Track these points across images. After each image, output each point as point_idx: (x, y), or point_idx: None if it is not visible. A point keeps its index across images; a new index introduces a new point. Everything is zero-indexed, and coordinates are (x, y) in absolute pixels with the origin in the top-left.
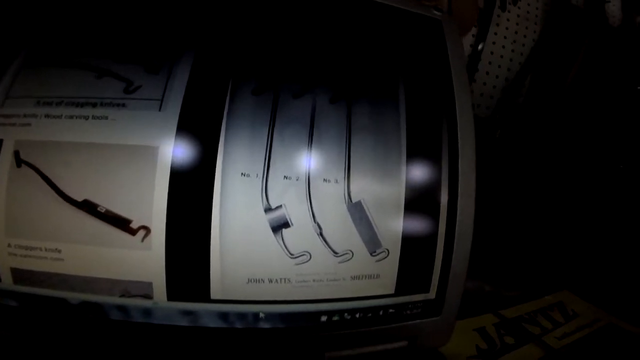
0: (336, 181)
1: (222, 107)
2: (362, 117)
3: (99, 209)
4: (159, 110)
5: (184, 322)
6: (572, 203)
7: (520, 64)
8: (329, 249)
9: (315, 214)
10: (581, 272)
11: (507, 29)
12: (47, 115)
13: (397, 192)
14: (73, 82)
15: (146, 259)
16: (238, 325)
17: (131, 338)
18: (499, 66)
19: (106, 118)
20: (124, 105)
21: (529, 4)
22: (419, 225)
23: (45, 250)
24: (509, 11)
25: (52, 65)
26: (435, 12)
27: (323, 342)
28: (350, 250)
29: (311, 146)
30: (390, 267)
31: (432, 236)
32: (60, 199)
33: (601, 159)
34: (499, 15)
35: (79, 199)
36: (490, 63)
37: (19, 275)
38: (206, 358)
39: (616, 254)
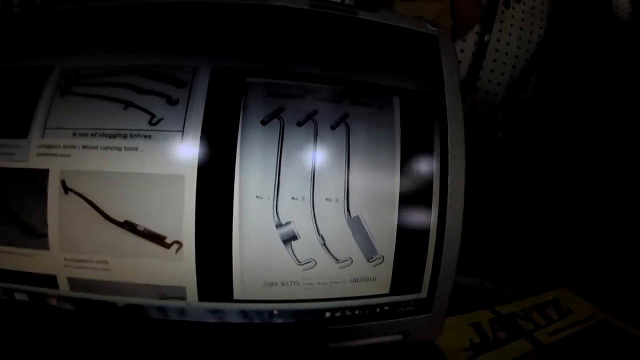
0: (337, 200)
1: (235, 137)
2: (360, 141)
3: (138, 227)
4: (181, 141)
5: (211, 319)
6: (574, 201)
7: (525, 60)
8: (331, 256)
9: (319, 228)
10: (580, 270)
11: (512, 25)
12: (84, 147)
13: (391, 207)
14: (102, 113)
15: (180, 267)
16: (256, 320)
17: (168, 333)
18: (504, 63)
19: (136, 149)
20: (150, 137)
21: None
22: (410, 235)
23: (95, 262)
24: (513, 8)
25: (80, 95)
26: (431, 27)
27: (327, 335)
28: (350, 258)
29: (314, 170)
30: (385, 271)
31: (422, 244)
32: (104, 220)
33: (603, 157)
34: (503, 12)
35: (121, 220)
36: (495, 60)
37: (74, 283)
38: (230, 348)
39: (616, 253)
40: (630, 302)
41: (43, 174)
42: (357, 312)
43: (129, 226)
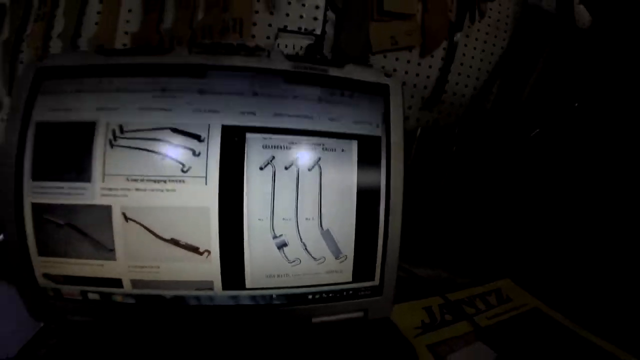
0: (313, 219)
1: (242, 179)
2: (329, 177)
3: (180, 242)
4: (205, 184)
5: (231, 302)
6: (523, 202)
7: (488, 72)
8: (311, 257)
9: (302, 237)
10: (524, 264)
11: (476, 39)
12: (137, 189)
13: (350, 222)
14: (147, 163)
15: (209, 267)
16: (261, 302)
17: (202, 314)
18: (468, 76)
19: (174, 190)
20: (183, 181)
21: (499, 12)
22: (364, 241)
23: (150, 267)
24: (479, 21)
25: (126, 147)
26: (386, 77)
27: (310, 312)
28: (324, 257)
29: (297, 199)
30: (348, 266)
31: (373, 248)
32: (156, 238)
33: (548, 162)
34: (469, 27)
35: (168, 238)
36: (459, 74)
37: (135, 283)
38: (244, 320)
39: (559, 249)
40: (563, 292)
41: (108, 208)
42: (330, 295)
43: (174, 242)
